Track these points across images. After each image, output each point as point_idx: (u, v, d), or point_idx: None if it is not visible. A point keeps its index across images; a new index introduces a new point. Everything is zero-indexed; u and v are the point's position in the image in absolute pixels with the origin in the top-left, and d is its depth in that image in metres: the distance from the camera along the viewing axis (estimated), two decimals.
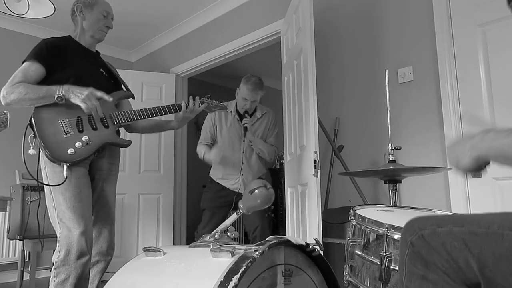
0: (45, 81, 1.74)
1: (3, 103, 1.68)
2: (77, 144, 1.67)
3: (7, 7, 2.42)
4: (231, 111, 2.76)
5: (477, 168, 0.78)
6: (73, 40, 1.91)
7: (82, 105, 1.67)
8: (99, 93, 1.70)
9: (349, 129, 2.63)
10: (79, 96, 1.66)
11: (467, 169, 0.78)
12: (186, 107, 1.97)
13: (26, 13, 2.49)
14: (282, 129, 2.75)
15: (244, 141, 2.72)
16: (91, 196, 1.78)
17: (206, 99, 2.09)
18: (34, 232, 2.81)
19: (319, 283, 1.23)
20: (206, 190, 2.83)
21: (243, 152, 2.72)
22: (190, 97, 2.01)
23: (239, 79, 2.89)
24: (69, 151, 1.65)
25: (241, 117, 2.73)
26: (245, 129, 2.65)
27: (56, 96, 1.65)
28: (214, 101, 2.13)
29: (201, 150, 2.70)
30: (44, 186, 1.72)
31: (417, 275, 0.80)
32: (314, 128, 2.11)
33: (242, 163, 2.72)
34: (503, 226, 0.72)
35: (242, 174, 2.70)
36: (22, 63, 1.75)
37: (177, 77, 4.24)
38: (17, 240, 3.08)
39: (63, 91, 1.66)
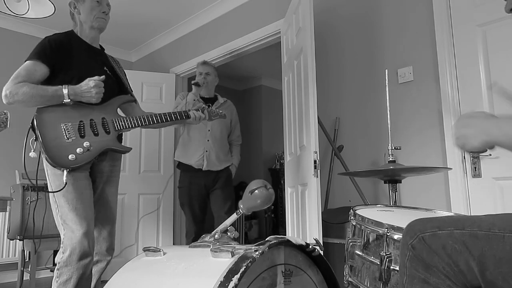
0: (49, 81, 1.73)
1: (4, 102, 1.66)
2: (78, 150, 1.66)
3: (7, 7, 2.42)
4: (195, 99, 2.84)
5: (483, 151, 0.78)
6: (76, 36, 1.89)
7: (94, 99, 1.71)
8: (96, 77, 1.73)
9: (349, 129, 2.63)
10: (90, 93, 1.69)
11: (474, 150, 0.79)
12: (189, 116, 2.00)
13: (26, 13, 2.48)
14: (282, 129, 2.75)
15: (208, 119, 2.80)
16: (92, 197, 1.78)
17: (207, 108, 2.16)
18: (34, 232, 2.81)
19: (319, 283, 1.23)
20: (180, 186, 2.94)
21: (209, 130, 2.85)
22: (192, 111, 2.04)
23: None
24: (70, 156, 1.64)
25: (205, 100, 2.90)
26: (196, 84, 2.76)
27: (64, 100, 1.67)
28: (214, 109, 2.20)
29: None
30: (48, 188, 1.72)
31: (418, 279, 0.80)
32: (314, 128, 2.11)
33: (208, 140, 2.84)
34: (504, 228, 0.72)
35: (207, 151, 2.81)
36: (25, 61, 1.73)
37: (177, 77, 4.24)
38: (17, 240, 3.08)
39: (70, 97, 1.68)
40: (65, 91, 1.67)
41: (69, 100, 1.67)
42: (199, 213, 2.87)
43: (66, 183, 1.62)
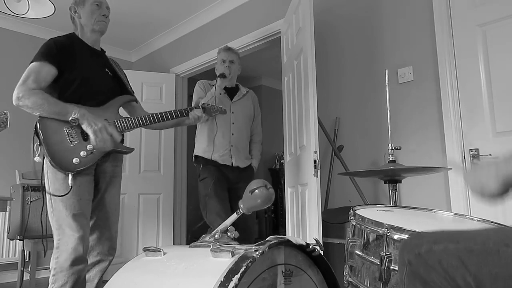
0: (54, 81, 1.73)
1: (14, 103, 1.66)
2: (81, 153, 1.68)
3: (7, 7, 2.42)
4: (221, 93, 2.72)
5: (503, 192, 0.78)
6: (77, 38, 1.90)
7: (92, 136, 1.67)
8: (110, 129, 1.72)
9: (349, 129, 2.63)
10: (92, 126, 1.67)
11: (494, 193, 0.78)
12: (187, 113, 1.99)
13: (26, 13, 2.49)
14: (282, 129, 2.75)
15: (233, 112, 2.69)
16: (91, 203, 1.78)
17: (207, 104, 2.14)
18: (34, 232, 2.81)
19: (319, 283, 1.23)
20: (202, 178, 2.64)
21: (233, 123, 2.68)
22: (192, 108, 2.03)
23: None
24: (74, 160, 1.65)
25: (227, 90, 2.73)
26: (223, 75, 2.58)
27: (70, 118, 1.66)
28: (214, 105, 2.17)
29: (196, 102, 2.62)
30: (45, 191, 1.73)
31: None
32: (314, 128, 2.11)
33: (232, 134, 2.66)
34: (499, 242, 0.71)
35: (232, 145, 2.62)
36: (31, 62, 1.72)
37: (177, 77, 4.24)
38: (17, 240, 3.08)
39: (78, 115, 1.66)
40: (75, 109, 1.67)
41: (76, 118, 1.66)
42: (228, 202, 2.55)
43: (71, 187, 1.63)
